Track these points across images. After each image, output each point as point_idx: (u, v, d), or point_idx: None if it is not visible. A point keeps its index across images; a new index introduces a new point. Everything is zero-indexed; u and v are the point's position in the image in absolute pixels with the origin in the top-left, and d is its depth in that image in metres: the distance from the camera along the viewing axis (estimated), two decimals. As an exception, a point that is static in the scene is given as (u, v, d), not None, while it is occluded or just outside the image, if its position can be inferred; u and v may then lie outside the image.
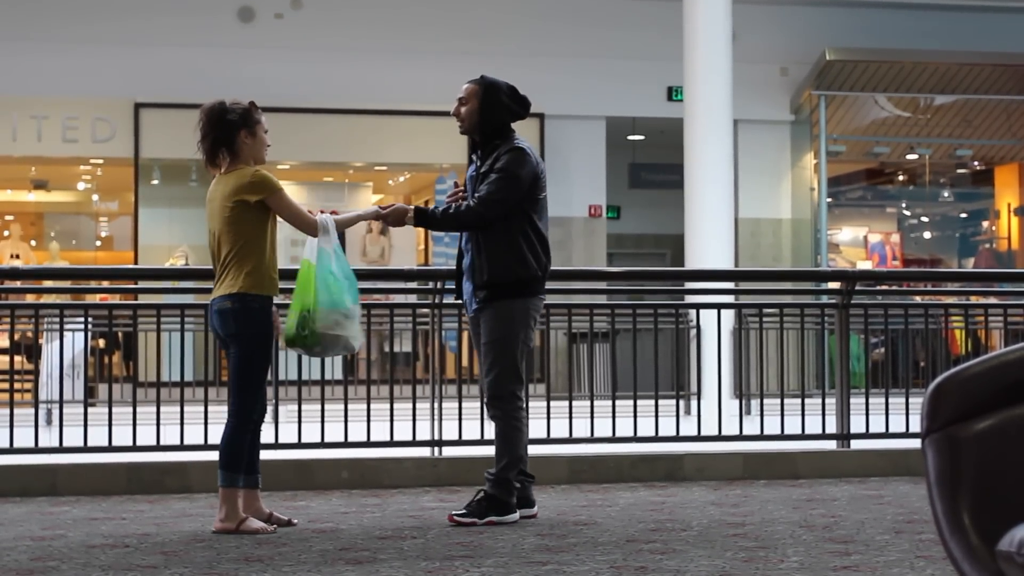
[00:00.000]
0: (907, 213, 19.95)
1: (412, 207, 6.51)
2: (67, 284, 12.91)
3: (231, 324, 6.22)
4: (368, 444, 8.45)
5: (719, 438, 9.22)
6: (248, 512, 6.25)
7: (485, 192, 6.39)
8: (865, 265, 18.28)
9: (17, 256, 17.97)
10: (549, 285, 11.95)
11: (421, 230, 18.16)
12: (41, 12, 16.41)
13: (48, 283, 11.81)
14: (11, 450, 8.17)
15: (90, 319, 9.87)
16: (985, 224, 20.02)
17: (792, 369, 10.64)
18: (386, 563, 5.28)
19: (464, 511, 6.39)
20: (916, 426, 8.52)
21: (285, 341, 6.36)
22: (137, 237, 16.69)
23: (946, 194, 19.85)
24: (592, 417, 8.89)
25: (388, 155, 17.60)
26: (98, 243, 19.43)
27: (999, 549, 2.63)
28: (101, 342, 12.34)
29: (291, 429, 8.42)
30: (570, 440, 8.78)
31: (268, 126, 6.39)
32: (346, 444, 8.42)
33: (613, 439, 8.81)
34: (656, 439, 8.88)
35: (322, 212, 6.37)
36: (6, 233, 18.82)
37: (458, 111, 6.58)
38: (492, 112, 6.51)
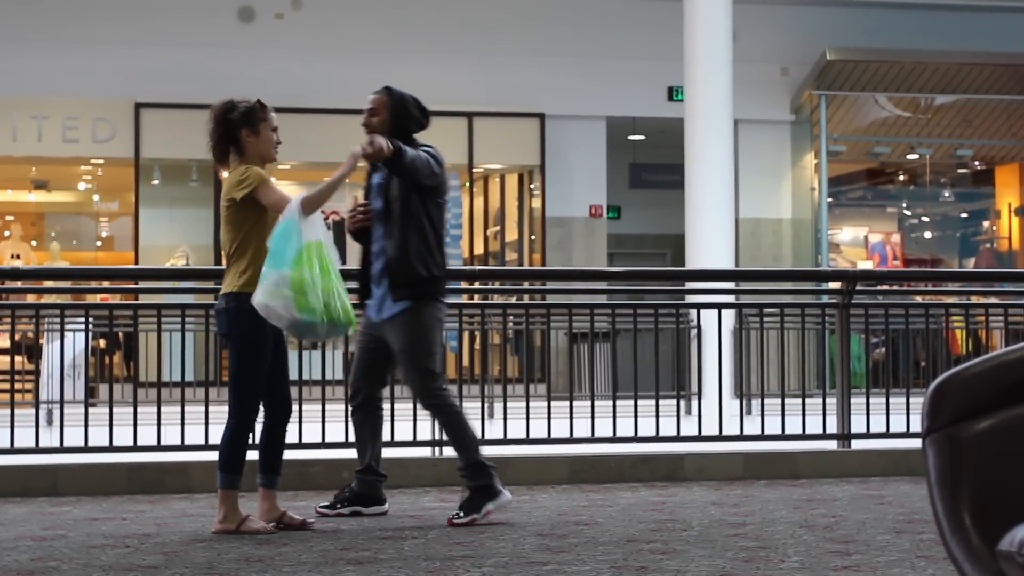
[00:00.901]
0: (908, 213, 19.95)
1: (391, 148, 6.35)
2: (68, 284, 12.91)
3: (224, 324, 6.25)
4: (368, 444, 8.43)
5: (720, 438, 9.22)
6: (262, 511, 6.27)
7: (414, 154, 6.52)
8: (866, 265, 18.28)
9: (18, 256, 17.98)
10: (549, 285, 11.96)
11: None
12: (42, 12, 16.42)
13: (49, 283, 11.81)
14: (12, 450, 8.17)
15: (91, 319, 9.87)
16: (986, 224, 20.02)
17: (793, 369, 10.64)
18: (387, 563, 5.28)
19: (460, 512, 6.43)
20: (917, 426, 8.52)
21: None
22: (138, 237, 16.69)
23: (947, 194, 19.85)
24: (593, 417, 8.89)
25: (388, 155, 17.58)
26: (99, 243, 19.43)
27: (1000, 549, 2.63)
28: (102, 342, 12.34)
29: (292, 429, 8.37)
30: (571, 440, 8.78)
31: (278, 124, 6.43)
32: (347, 444, 8.40)
33: (614, 439, 8.80)
34: (657, 439, 8.88)
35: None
36: (7, 233, 18.83)
37: (369, 122, 6.66)
38: (402, 122, 6.66)
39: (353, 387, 6.89)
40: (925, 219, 20.17)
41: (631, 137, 19.12)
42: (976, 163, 19.64)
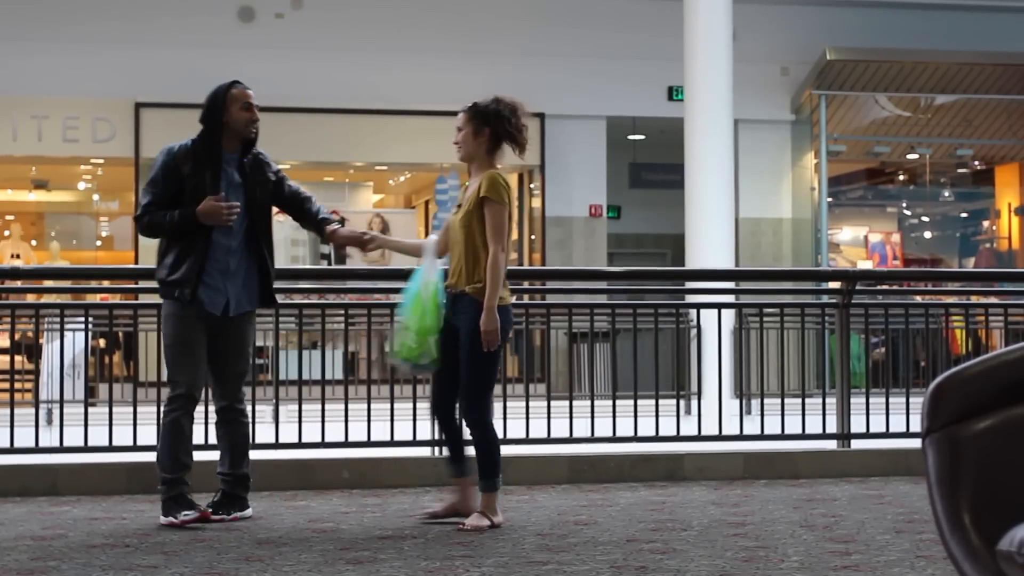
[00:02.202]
0: (907, 213, 19.94)
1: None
2: (68, 284, 12.90)
3: None
4: (369, 444, 8.45)
5: (719, 438, 9.21)
6: (463, 502, 6.48)
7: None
8: (866, 265, 18.27)
9: (18, 256, 17.98)
10: (549, 284, 11.94)
11: (421, 228, 18.18)
12: (42, 12, 16.41)
13: (49, 283, 11.80)
14: (12, 450, 8.17)
15: (90, 319, 9.87)
16: (985, 224, 20.02)
17: (792, 369, 10.63)
18: (387, 563, 5.28)
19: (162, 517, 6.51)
20: (916, 426, 8.51)
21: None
22: (137, 237, 16.68)
23: (946, 194, 19.84)
24: (592, 417, 8.88)
25: (388, 155, 17.61)
26: (98, 243, 19.43)
27: (999, 549, 2.63)
28: (102, 342, 12.34)
29: (291, 429, 8.41)
30: (570, 440, 8.78)
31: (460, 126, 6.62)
32: (347, 444, 8.42)
33: (613, 439, 8.80)
34: (656, 439, 8.88)
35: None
36: (7, 233, 18.82)
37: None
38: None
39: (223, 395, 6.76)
40: (925, 219, 20.16)
41: (631, 137, 19.12)
42: (976, 163, 19.64)
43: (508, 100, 6.51)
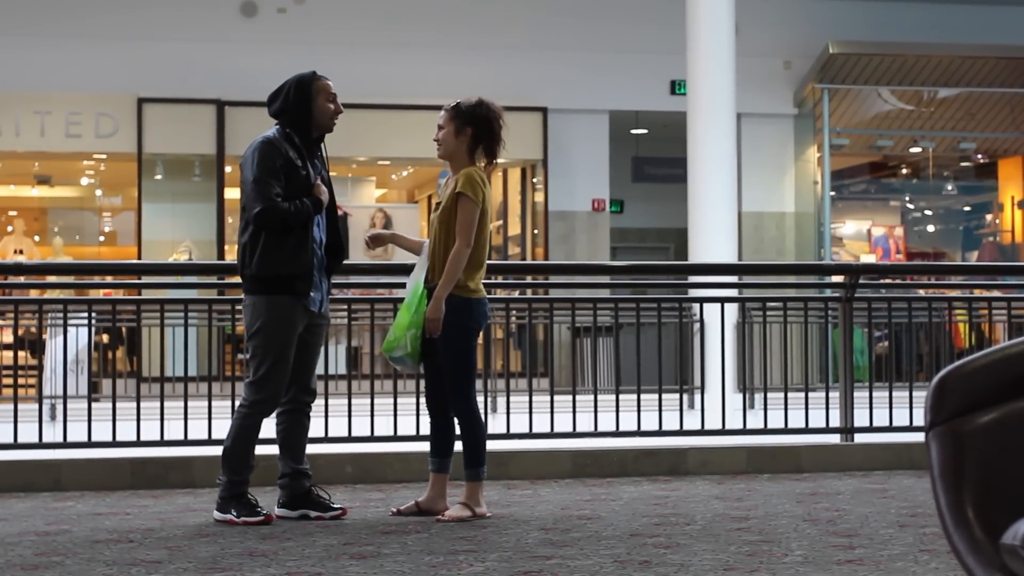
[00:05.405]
0: (911, 206, 19.93)
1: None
2: (70, 279, 12.91)
3: None
4: (372, 439, 8.46)
5: (723, 432, 9.20)
6: (430, 500, 6.49)
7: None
8: (869, 259, 18.26)
9: (21, 251, 17.98)
10: (552, 279, 11.95)
11: (424, 223, 18.18)
12: (44, 7, 16.41)
13: (52, 278, 11.81)
14: (15, 445, 8.17)
15: (94, 314, 9.88)
16: (989, 217, 20.00)
17: (796, 363, 10.63)
18: (390, 557, 5.28)
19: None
20: (920, 420, 8.49)
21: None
22: (140, 232, 16.70)
23: (950, 187, 19.83)
24: (596, 411, 8.88)
25: (391, 149, 17.59)
26: (101, 238, 19.43)
27: (1003, 542, 2.63)
28: (105, 337, 12.34)
29: (295, 424, 8.40)
30: (574, 434, 8.78)
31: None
32: (350, 439, 8.42)
33: (617, 433, 8.80)
34: (660, 433, 8.88)
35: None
36: (10, 228, 18.83)
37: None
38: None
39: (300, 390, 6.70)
40: (928, 212, 20.16)
41: (634, 131, 19.12)
42: (979, 156, 19.63)
43: (493, 105, 6.47)
